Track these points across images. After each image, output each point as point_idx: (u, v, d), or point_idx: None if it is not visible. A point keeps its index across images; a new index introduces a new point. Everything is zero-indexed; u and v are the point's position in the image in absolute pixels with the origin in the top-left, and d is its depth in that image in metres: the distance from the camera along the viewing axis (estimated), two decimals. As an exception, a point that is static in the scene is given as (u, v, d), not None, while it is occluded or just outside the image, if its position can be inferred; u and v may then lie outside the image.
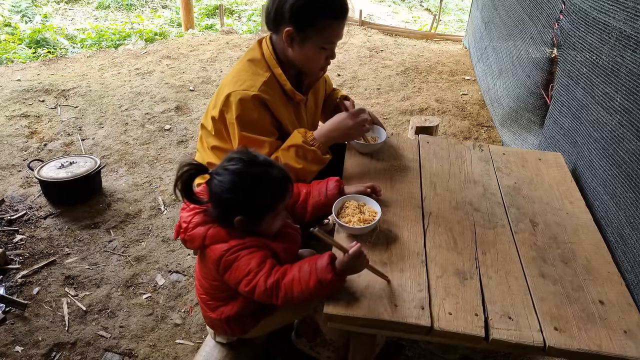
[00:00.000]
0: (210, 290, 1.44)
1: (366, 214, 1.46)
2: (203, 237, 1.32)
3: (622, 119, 1.64)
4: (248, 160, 1.28)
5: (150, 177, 2.85)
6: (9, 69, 4.29)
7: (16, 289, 2.04)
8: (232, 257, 1.28)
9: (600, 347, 1.16)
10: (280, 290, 1.23)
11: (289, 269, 1.26)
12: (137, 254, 2.27)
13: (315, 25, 1.57)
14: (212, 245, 1.32)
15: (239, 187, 1.27)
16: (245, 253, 1.28)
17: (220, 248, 1.30)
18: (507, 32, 3.54)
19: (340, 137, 1.67)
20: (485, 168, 1.84)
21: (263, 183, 1.28)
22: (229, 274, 1.30)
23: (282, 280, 1.24)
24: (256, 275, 1.25)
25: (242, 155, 1.30)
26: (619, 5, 1.73)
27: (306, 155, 1.60)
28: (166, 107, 3.66)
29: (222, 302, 1.44)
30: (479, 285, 1.31)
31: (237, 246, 1.29)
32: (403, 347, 1.82)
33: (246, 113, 1.58)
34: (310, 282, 1.20)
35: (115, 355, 1.80)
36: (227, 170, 1.28)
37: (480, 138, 3.44)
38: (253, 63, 1.66)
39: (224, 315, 1.44)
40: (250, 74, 1.63)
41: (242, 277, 1.26)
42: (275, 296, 1.24)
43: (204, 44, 5.14)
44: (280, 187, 1.31)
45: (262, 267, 1.26)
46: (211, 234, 1.32)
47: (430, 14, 8.65)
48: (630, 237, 1.50)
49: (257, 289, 1.25)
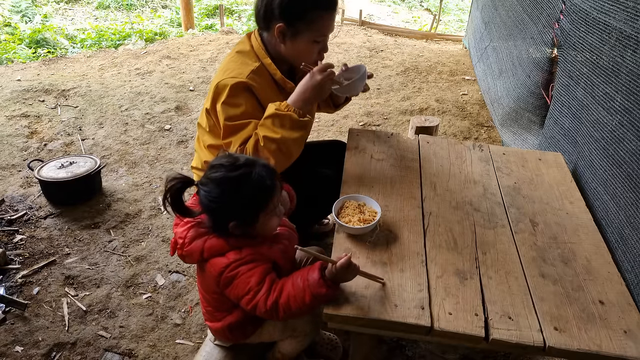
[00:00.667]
0: (214, 302, 1.45)
1: (366, 214, 1.47)
2: (201, 250, 1.32)
3: (623, 119, 1.64)
4: (228, 165, 1.28)
5: (150, 177, 2.85)
6: (9, 69, 4.29)
7: (16, 289, 2.04)
8: (232, 274, 1.29)
9: (600, 347, 1.16)
10: (279, 310, 1.26)
11: (285, 284, 1.27)
12: (137, 254, 2.27)
13: (305, 19, 1.57)
14: (211, 260, 1.32)
15: (224, 194, 1.27)
16: (245, 270, 1.29)
17: (219, 264, 1.30)
18: (507, 32, 3.54)
19: (314, 96, 1.57)
20: (485, 168, 1.84)
21: (246, 184, 1.27)
22: (229, 290, 1.31)
23: (279, 299, 1.26)
24: (256, 295, 1.27)
25: (223, 161, 1.29)
26: (619, 5, 1.73)
27: (283, 122, 1.53)
28: (166, 107, 3.66)
29: (226, 312, 1.46)
30: (479, 285, 1.31)
31: (236, 262, 1.29)
32: (403, 347, 1.82)
33: (232, 99, 1.58)
34: (306, 298, 1.22)
35: (115, 355, 1.80)
36: (210, 179, 1.28)
37: (480, 138, 3.44)
38: (242, 54, 1.67)
39: (226, 323, 1.46)
40: (239, 64, 1.64)
41: (243, 295, 1.28)
42: (276, 315, 1.27)
43: (204, 44, 5.14)
44: (264, 185, 1.28)
45: (261, 286, 1.27)
46: (209, 246, 1.32)
47: (430, 14, 8.65)
48: (631, 237, 1.50)
49: (258, 309, 1.27)
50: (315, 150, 2.16)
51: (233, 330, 1.48)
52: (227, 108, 1.58)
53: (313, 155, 2.07)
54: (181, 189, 1.30)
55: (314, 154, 2.12)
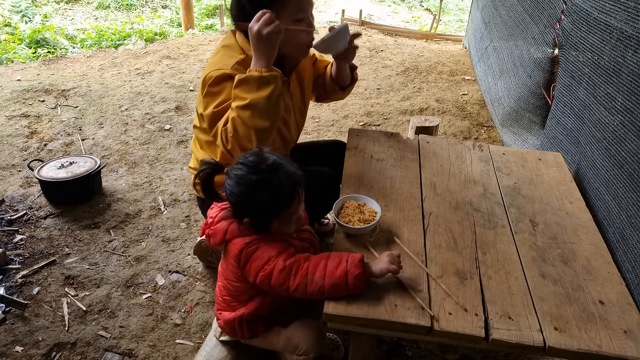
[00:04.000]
0: (233, 290, 1.45)
1: (366, 214, 1.46)
2: (225, 231, 1.35)
3: (624, 119, 1.64)
4: (251, 166, 1.28)
5: (150, 177, 2.85)
6: (9, 69, 4.29)
7: (16, 289, 2.04)
8: (252, 248, 1.31)
9: (600, 347, 1.16)
10: (302, 268, 1.24)
11: (319, 255, 1.29)
12: (137, 254, 2.27)
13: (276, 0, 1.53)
14: (233, 240, 1.34)
15: (240, 193, 1.29)
16: (265, 244, 1.31)
17: (241, 241, 1.32)
18: (508, 32, 3.54)
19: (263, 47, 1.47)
20: (485, 168, 1.84)
21: (262, 190, 1.27)
22: (249, 266, 1.31)
23: (304, 261, 1.26)
24: (276, 259, 1.27)
25: (249, 159, 1.30)
26: (620, 5, 1.73)
27: (249, 86, 1.47)
28: (166, 107, 3.66)
29: (242, 303, 1.47)
30: (479, 285, 1.31)
31: (258, 239, 1.32)
32: (403, 347, 1.82)
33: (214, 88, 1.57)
34: (338, 270, 1.22)
35: (115, 355, 1.80)
36: (232, 174, 1.30)
37: (480, 138, 3.44)
38: (227, 48, 1.68)
39: (239, 314, 1.46)
40: (225, 57, 1.64)
41: (262, 264, 1.28)
42: (294, 274, 1.25)
43: (204, 44, 5.14)
44: (280, 194, 1.28)
45: (282, 253, 1.28)
46: (232, 229, 1.35)
47: (430, 14, 8.64)
48: (632, 238, 1.50)
49: (275, 269, 1.26)
50: (315, 151, 2.16)
51: (243, 324, 1.48)
52: (210, 99, 1.58)
53: (313, 155, 2.07)
54: (210, 174, 1.36)
55: (314, 154, 2.12)
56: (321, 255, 1.29)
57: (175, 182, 2.81)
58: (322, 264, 1.25)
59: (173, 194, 2.70)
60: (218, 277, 1.53)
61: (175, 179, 2.83)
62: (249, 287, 1.40)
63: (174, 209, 2.59)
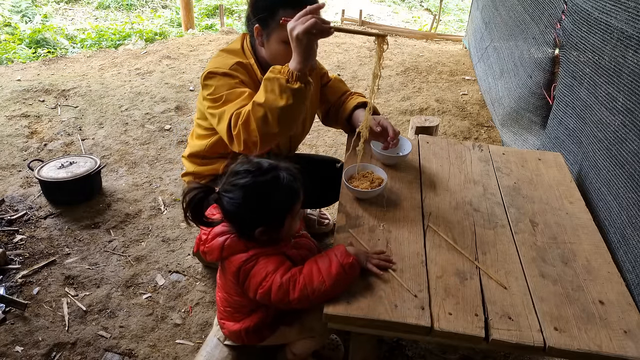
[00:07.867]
0: (235, 304, 1.45)
1: (375, 182, 1.60)
2: (221, 247, 1.32)
3: (625, 119, 1.64)
4: (255, 170, 1.27)
5: (150, 177, 2.85)
6: (9, 69, 4.29)
7: (16, 289, 2.04)
8: (250, 265, 1.29)
9: (600, 347, 1.16)
10: (298, 282, 1.23)
11: (306, 263, 1.28)
12: (137, 254, 2.27)
13: (274, 18, 1.54)
14: (230, 257, 1.32)
15: (254, 200, 1.26)
16: (263, 258, 1.29)
17: (238, 259, 1.30)
18: (508, 32, 3.54)
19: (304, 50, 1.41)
20: (485, 168, 1.84)
21: (276, 188, 1.27)
22: (248, 282, 1.30)
23: (299, 273, 1.25)
24: (273, 274, 1.26)
25: (246, 166, 1.29)
26: (620, 5, 1.73)
27: (272, 86, 1.44)
28: (166, 107, 3.66)
29: (245, 315, 1.46)
30: (479, 285, 1.31)
31: (256, 255, 1.30)
32: (403, 347, 1.82)
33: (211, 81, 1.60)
34: (332, 267, 1.22)
35: (115, 355, 1.80)
36: (236, 186, 1.26)
37: (480, 138, 3.44)
38: (229, 51, 1.70)
39: (244, 326, 1.45)
40: (226, 58, 1.66)
41: (260, 281, 1.27)
42: (292, 289, 1.24)
43: (204, 44, 5.14)
44: (292, 189, 1.29)
45: (279, 268, 1.27)
46: (229, 244, 1.32)
47: (430, 14, 8.64)
48: (632, 238, 1.50)
49: (273, 287, 1.25)
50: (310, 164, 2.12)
51: (249, 334, 1.47)
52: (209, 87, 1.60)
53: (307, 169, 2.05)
54: (203, 198, 1.28)
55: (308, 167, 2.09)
56: (309, 262, 1.28)
57: (175, 182, 2.81)
58: (314, 270, 1.24)
59: (173, 194, 2.70)
60: (217, 287, 1.52)
61: (175, 179, 2.83)
62: (250, 301, 1.39)
63: (174, 209, 2.59)
